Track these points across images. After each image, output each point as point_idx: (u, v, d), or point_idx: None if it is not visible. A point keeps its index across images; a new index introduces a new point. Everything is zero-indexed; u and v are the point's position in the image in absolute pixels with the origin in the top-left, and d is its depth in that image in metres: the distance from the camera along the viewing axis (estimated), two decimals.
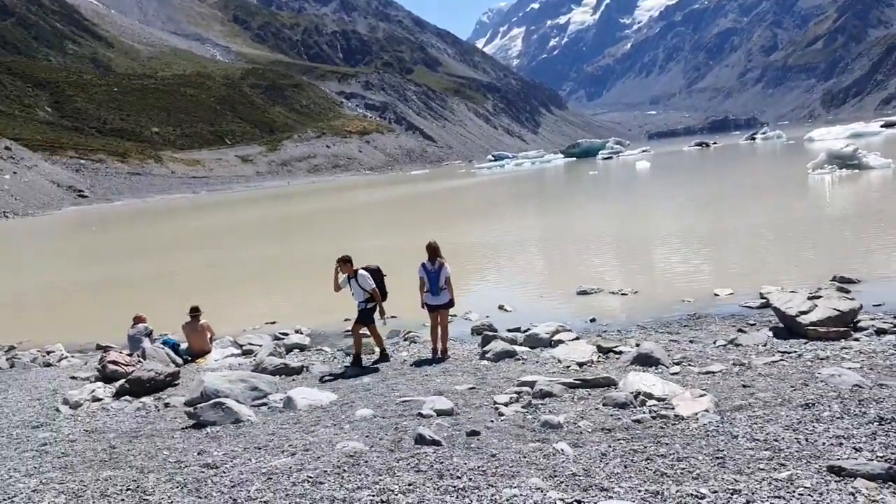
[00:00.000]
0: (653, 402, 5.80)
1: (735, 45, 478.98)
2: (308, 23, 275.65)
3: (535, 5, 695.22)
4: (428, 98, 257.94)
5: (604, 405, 5.86)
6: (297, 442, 5.37)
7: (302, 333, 12.04)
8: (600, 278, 13.98)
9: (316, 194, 75.20)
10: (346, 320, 12.82)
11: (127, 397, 7.93)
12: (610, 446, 4.66)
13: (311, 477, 4.40)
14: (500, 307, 12.46)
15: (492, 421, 5.65)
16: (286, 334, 11.93)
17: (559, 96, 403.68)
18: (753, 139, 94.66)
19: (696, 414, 5.27)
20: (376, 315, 9.05)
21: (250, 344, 11.13)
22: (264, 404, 7.00)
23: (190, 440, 5.80)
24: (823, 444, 4.32)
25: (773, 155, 63.16)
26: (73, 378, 9.47)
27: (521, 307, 12.42)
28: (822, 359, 6.92)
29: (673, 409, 5.54)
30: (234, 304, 16.37)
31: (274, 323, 13.35)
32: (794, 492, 3.59)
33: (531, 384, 6.59)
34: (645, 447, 4.57)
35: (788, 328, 8.63)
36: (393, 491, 4.02)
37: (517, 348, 8.51)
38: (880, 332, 8.12)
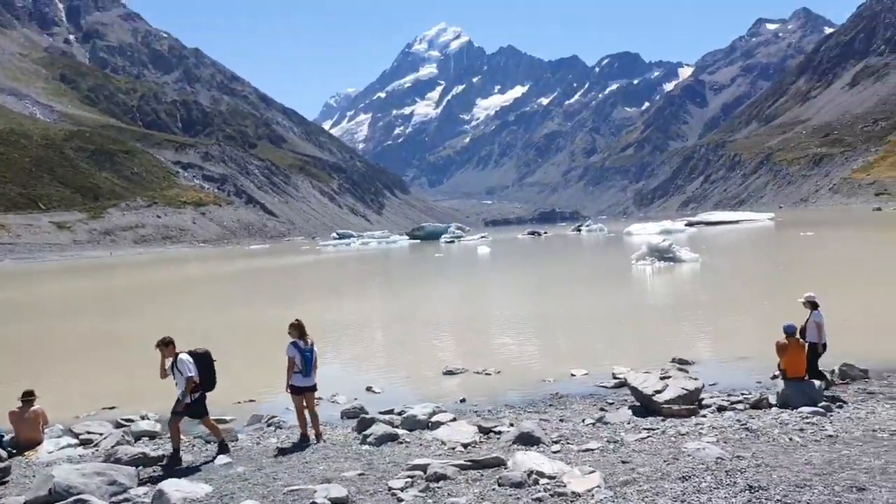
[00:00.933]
0: (545, 480, 6.01)
1: (560, 146, 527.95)
2: (146, 89, 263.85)
3: (382, 94, 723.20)
4: (271, 173, 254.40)
5: (499, 485, 5.97)
6: None
7: (149, 419, 11.01)
8: (461, 359, 14.30)
9: (142, 266, 70.14)
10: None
11: None
12: None
13: None
14: (368, 388, 12.30)
15: None
16: (131, 420, 10.86)
17: (403, 181, 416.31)
18: (579, 230, 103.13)
19: (591, 490, 5.54)
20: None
21: (88, 432, 9.96)
22: (126, 500, 6.27)
23: None
24: None
25: (598, 246, 69.10)
26: None
27: (388, 388, 12.34)
28: (682, 434, 7.59)
29: (565, 486, 5.78)
30: (59, 386, 14.60)
31: (113, 408, 12.11)
32: None
33: (423, 467, 6.55)
34: None
35: (645, 406, 9.38)
36: None
37: (398, 431, 8.42)
38: (721, 408, 9.10)
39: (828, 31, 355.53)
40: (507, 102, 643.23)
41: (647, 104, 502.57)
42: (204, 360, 8.12)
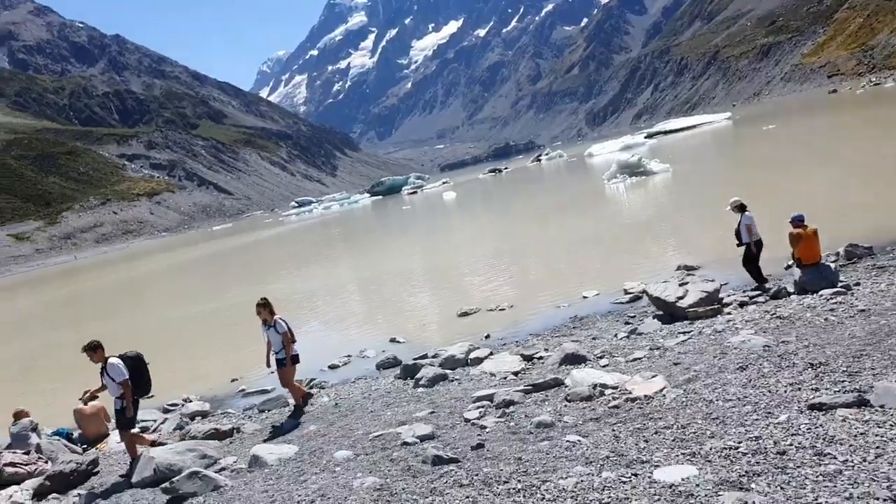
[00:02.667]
0: (609, 390, 6.32)
1: (505, 76, 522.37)
2: (74, 85, 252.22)
3: (314, 52, 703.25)
4: (218, 151, 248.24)
5: (569, 401, 6.26)
6: (303, 492, 5.11)
7: (193, 400, 11.22)
8: (471, 299, 14.56)
9: (109, 266, 68.72)
10: (233, 380, 12.17)
11: (54, 495, 6.91)
12: (613, 430, 5.05)
13: None
14: (393, 339, 12.54)
15: (479, 434, 5.79)
16: (175, 405, 11.07)
17: (351, 139, 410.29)
18: (539, 160, 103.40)
19: (661, 391, 5.85)
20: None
21: (142, 420, 10.16)
22: (223, 468, 6.52)
23: None
24: (785, 390, 5.08)
25: (563, 172, 69.60)
26: None
27: (411, 337, 12.59)
28: (719, 332, 7.97)
29: (631, 392, 6.09)
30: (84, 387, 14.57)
31: (152, 396, 12.17)
32: (800, 429, 4.21)
33: (489, 397, 6.83)
34: (645, 425, 5.03)
35: (670, 314, 9.76)
36: None
37: (447, 371, 8.68)
38: (742, 304, 9.50)
39: None
40: (444, 39, 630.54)
41: (585, 20, 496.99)
42: (135, 363, 7.55)
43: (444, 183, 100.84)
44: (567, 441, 4.95)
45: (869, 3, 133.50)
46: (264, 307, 8.45)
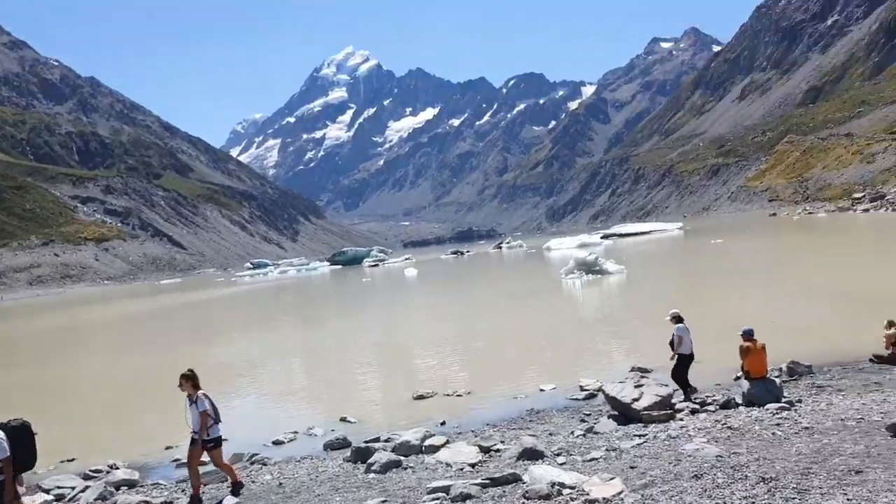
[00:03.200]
0: (567, 490, 6.33)
1: (473, 165, 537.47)
2: (37, 121, 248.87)
3: (291, 119, 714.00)
4: (178, 204, 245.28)
5: (527, 499, 6.23)
6: None
7: (120, 468, 10.58)
8: (426, 382, 14.46)
9: (43, 310, 65.90)
10: (168, 448, 11.66)
11: None
12: None
13: None
14: (343, 419, 12.28)
15: None
16: (99, 471, 10.42)
17: (317, 206, 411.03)
18: (500, 248, 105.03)
19: (619, 494, 5.91)
20: None
21: (59, 487, 9.50)
22: None
23: None
24: (742, 501, 5.20)
25: (522, 262, 70.70)
26: None
27: (363, 417, 12.36)
28: (673, 437, 8.12)
29: (589, 494, 6.11)
30: None
31: (73, 460, 11.54)
32: None
33: (446, 489, 6.74)
34: None
35: (623, 414, 9.90)
36: None
37: (401, 457, 8.53)
38: (694, 411, 9.73)
39: (716, 48, 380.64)
40: (420, 124, 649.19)
41: (553, 122, 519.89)
42: (18, 434, 6.85)
43: (406, 259, 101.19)
44: None
45: (805, 141, 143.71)
46: (187, 380, 7.95)
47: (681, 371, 10.80)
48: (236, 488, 8.23)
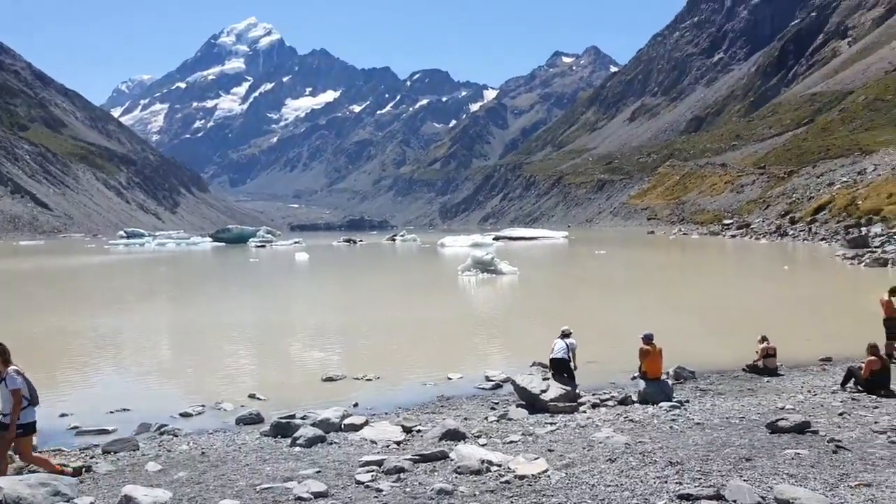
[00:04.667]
0: (495, 467, 6.80)
1: (371, 154, 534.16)
2: None
3: (182, 84, 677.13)
4: (46, 161, 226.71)
5: (459, 473, 6.64)
6: None
7: None
8: (332, 366, 14.56)
9: None
10: (62, 415, 11.11)
11: None
12: (512, 502, 5.51)
13: None
14: (252, 395, 12.17)
15: (375, 496, 5.97)
16: None
17: (201, 178, 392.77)
18: (394, 240, 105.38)
19: (545, 472, 6.44)
20: None
21: None
22: None
23: None
24: (654, 482, 5.88)
25: (416, 256, 71.39)
26: None
27: (272, 396, 12.30)
28: (583, 427, 8.82)
29: (514, 471, 6.61)
30: None
31: None
32: None
33: (378, 462, 7.02)
34: (540, 500, 5.55)
35: (531, 405, 10.56)
36: None
37: (325, 434, 8.69)
38: (595, 405, 10.55)
39: (613, 69, 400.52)
40: (319, 106, 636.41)
41: (454, 121, 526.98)
42: None
43: (295, 242, 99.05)
44: None
45: (684, 167, 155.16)
46: None
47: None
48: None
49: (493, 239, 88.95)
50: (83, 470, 7.52)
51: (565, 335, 11.42)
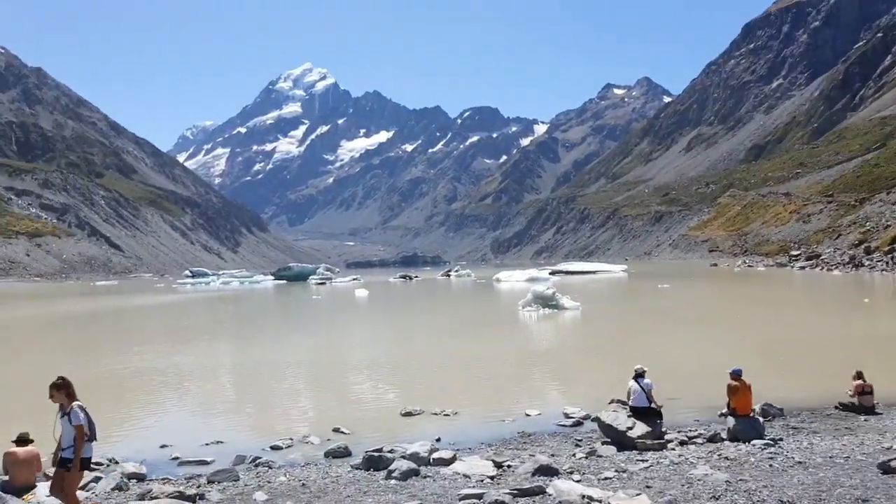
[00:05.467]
0: (595, 503, 6.79)
1: (423, 191, 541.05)
2: None
3: (242, 129, 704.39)
4: (118, 205, 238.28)
5: None
6: None
7: (118, 462, 10.55)
8: (410, 401, 14.70)
9: None
10: (163, 446, 11.60)
11: None
12: None
13: None
14: (336, 430, 12.42)
15: None
16: (100, 464, 10.37)
17: (261, 218, 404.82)
18: (448, 275, 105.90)
19: None
20: None
21: None
22: None
23: None
24: None
25: (473, 291, 71.42)
26: None
27: (355, 430, 12.52)
28: (675, 463, 8.68)
29: None
30: None
31: None
32: None
33: (478, 496, 7.10)
34: None
35: (618, 442, 10.45)
36: None
37: (419, 467, 8.82)
38: (683, 442, 10.36)
39: (667, 99, 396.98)
40: (372, 146, 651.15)
41: (504, 157, 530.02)
42: None
43: (353, 279, 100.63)
44: None
45: (746, 196, 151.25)
46: (59, 389, 6.85)
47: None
48: None
49: (550, 273, 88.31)
50: (197, 498, 7.84)
51: (639, 375, 11.23)
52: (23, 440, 8.93)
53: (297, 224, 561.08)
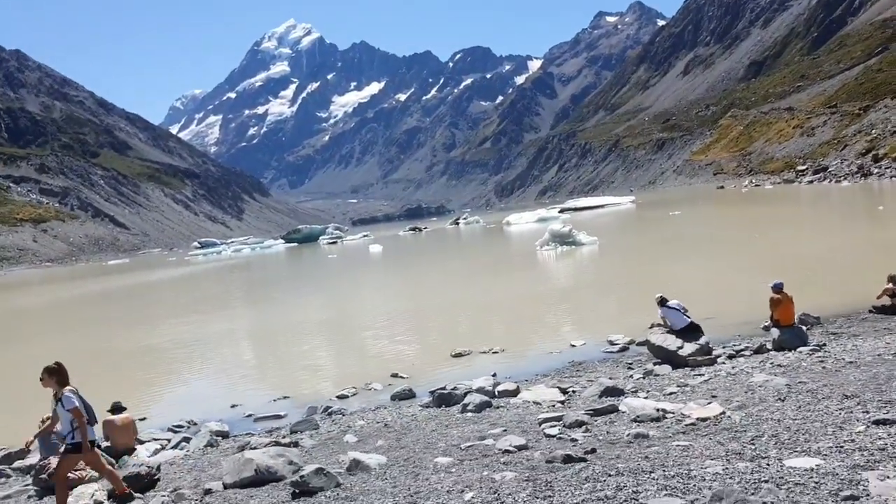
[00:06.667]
0: (670, 414, 7.28)
1: (421, 141, 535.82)
2: None
3: (232, 95, 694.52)
4: (118, 183, 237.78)
5: (639, 422, 7.15)
6: (441, 484, 5.60)
7: (196, 423, 11.21)
8: (456, 342, 15.22)
9: None
10: (233, 406, 12.20)
11: (138, 495, 6.92)
12: (710, 439, 5.97)
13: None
14: (394, 374, 13.01)
15: (573, 445, 6.53)
16: (181, 426, 11.06)
17: (261, 183, 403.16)
18: (458, 224, 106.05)
19: (723, 414, 6.87)
20: None
21: (154, 439, 10.15)
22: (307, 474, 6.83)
23: None
24: (839, 413, 6.22)
25: (485, 236, 71.88)
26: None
27: (412, 374, 13.10)
28: (732, 374, 9.17)
29: (691, 416, 7.07)
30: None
31: (143, 419, 12.02)
32: (881, 435, 5.32)
33: (557, 418, 7.60)
34: (736, 435, 5.99)
35: (669, 361, 10.96)
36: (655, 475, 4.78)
37: (490, 399, 9.35)
38: (731, 356, 10.86)
39: (660, 23, 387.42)
40: (365, 99, 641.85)
41: (500, 98, 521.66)
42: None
43: (364, 236, 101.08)
44: (678, 445, 5.83)
45: (747, 115, 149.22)
46: (51, 374, 6.56)
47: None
48: (124, 499, 6.83)
49: (559, 212, 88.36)
50: (292, 445, 8.41)
51: (662, 302, 11.67)
52: (117, 408, 9.51)
53: (298, 186, 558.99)
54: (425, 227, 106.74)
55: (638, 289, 21.10)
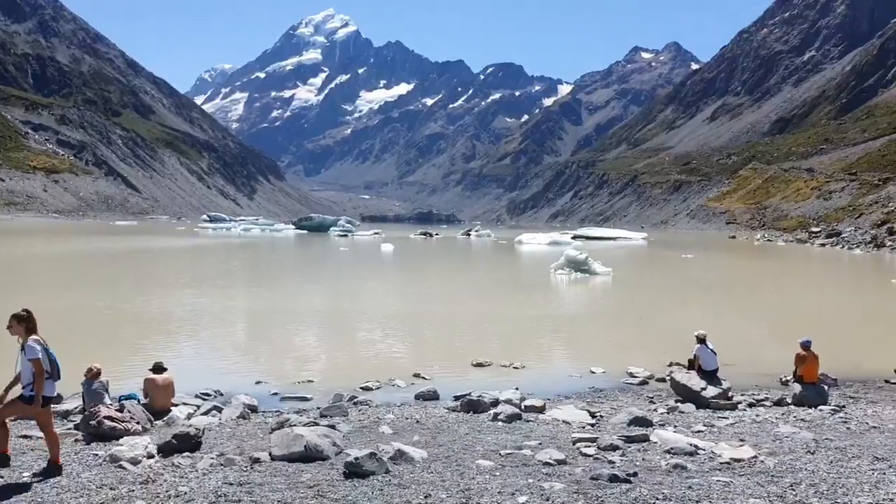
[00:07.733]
0: (702, 451, 7.55)
1: (442, 148, 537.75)
2: None
3: (261, 74, 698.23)
4: (136, 145, 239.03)
5: (672, 454, 7.41)
6: (490, 485, 5.89)
7: (223, 394, 11.48)
8: (476, 352, 15.49)
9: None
10: (258, 382, 12.46)
11: (186, 454, 7.19)
12: (748, 480, 6.24)
13: None
14: (417, 375, 13.28)
15: (612, 467, 6.81)
16: (208, 395, 11.34)
17: (277, 166, 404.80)
18: (468, 235, 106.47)
19: (756, 458, 7.14)
20: None
21: (185, 404, 10.41)
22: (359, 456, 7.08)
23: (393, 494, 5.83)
24: (871, 473, 6.49)
25: (496, 252, 72.09)
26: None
27: (433, 376, 13.37)
28: (758, 422, 9.44)
29: (721, 455, 7.34)
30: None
31: None
32: None
33: (592, 439, 7.88)
34: (774, 480, 6.26)
35: (692, 401, 11.21)
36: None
37: (520, 412, 9.63)
38: (752, 404, 11.12)
39: (694, 66, 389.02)
40: (392, 98, 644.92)
41: (526, 116, 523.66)
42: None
43: (375, 233, 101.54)
44: (718, 480, 6.11)
45: (767, 170, 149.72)
46: (18, 321, 6.30)
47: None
48: (52, 470, 6.40)
49: (572, 238, 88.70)
50: (331, 427, 8.68)
51: (701, 340, 11.92)
52: (159, 368, 9.80)
53: (314, 174, 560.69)
54: (436, 234, 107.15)
55: (652, 326, 21.40)
